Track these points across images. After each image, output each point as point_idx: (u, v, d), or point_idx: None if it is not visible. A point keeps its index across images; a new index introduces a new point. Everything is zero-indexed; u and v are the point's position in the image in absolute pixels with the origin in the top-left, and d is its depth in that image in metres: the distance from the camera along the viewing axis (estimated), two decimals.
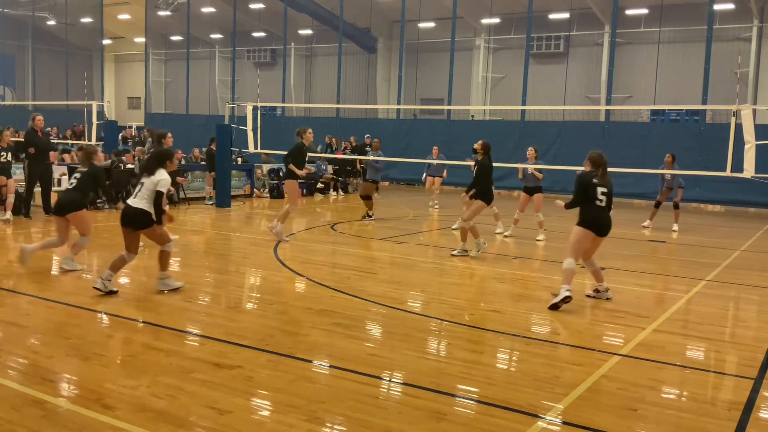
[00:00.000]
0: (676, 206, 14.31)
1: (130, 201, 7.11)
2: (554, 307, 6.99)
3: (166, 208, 7.66)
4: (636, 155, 19.73)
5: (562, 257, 10.76)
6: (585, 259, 7.49)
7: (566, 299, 6.96)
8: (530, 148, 12.77)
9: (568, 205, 7.61)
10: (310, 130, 11.24)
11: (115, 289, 7.10)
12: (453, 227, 13.34)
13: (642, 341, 6.06)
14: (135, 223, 7.03)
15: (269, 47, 34.69)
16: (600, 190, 7.28)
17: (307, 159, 11.59)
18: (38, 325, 5.96)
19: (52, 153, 13.87)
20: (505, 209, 17.97)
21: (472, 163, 10.55)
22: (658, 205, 14.61)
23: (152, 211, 7.03)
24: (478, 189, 9.97)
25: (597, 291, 7.65)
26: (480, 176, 9.97)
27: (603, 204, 7.29)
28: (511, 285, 8.55)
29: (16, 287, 7.54)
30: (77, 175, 8.37)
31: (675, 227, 14.22)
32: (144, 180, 7.14)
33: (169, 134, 10.62)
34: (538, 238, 12.09)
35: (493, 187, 10.13)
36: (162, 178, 7.07)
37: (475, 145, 10.11)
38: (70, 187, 8.40)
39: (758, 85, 24.26)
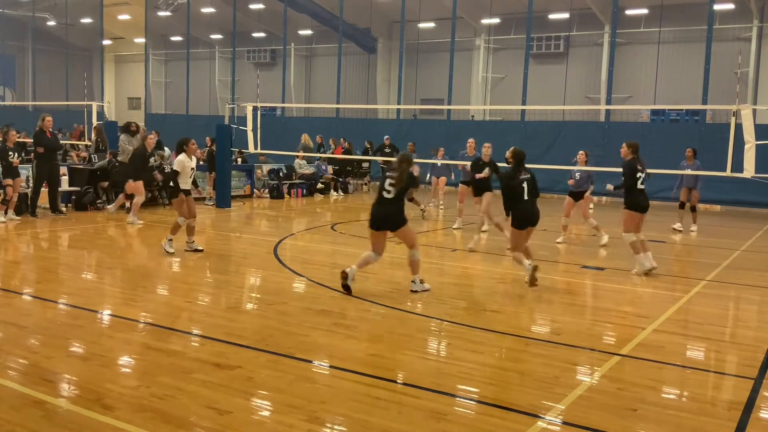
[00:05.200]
0: (693, 209, 14.24)
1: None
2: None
3: None
4: None
5: (561, 257, 10.81)
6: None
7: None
8: (580, 152, 12.28)
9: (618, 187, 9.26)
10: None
11: None
12: (454, 227, 13.36)
13: (642, 341, 6.06)
14: None
15: (269, 47, 34.68)
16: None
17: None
18: (38, 325, 5.96)
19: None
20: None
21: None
22: (682, 205, 14.37)
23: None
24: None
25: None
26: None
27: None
28: (511, 285, 8.55)
29: (16, 287, 7.55)
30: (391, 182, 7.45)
31: (693, 228, 14.11)
32: None
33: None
34: (602, 243, 11.48)
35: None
36: None
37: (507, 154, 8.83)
38: (387, 196, 7.45)
39: (758, 85, 24.25)
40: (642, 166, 9.05)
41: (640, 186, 8.99)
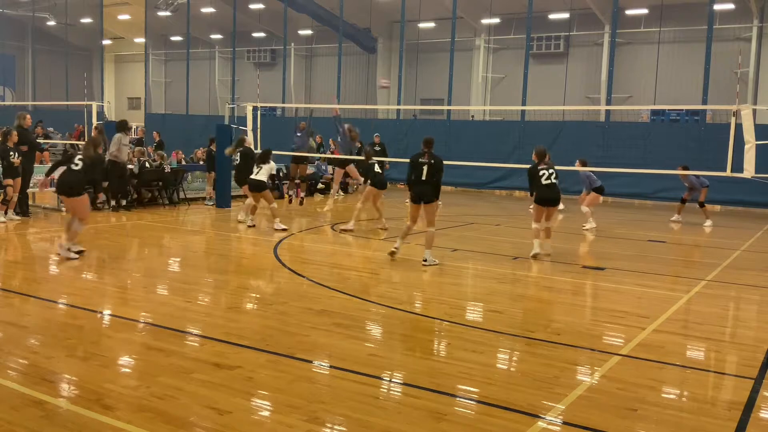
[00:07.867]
0: (701, 205, 15.38)
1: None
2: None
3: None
4: (636, 155, 19.72)
5: (561, 257, 10.82)
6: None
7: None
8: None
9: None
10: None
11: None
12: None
13: (642, 341, 6.07)
14: None
15: (269, 47, 34.67)
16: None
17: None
18: (38, 325, 5.96)
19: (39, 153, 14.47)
20: (507, 209, 17.98)
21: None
22: (683, 201, 15.69)
23: None
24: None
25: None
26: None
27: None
28: (511, 285, 8.55)
29: (16, 287, 7.55)
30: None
31: (708, 223, 15.22)
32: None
33: None
34: (586, 226, 13.31)
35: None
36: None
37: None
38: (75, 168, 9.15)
39: (758, 85, 24.24)
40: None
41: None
